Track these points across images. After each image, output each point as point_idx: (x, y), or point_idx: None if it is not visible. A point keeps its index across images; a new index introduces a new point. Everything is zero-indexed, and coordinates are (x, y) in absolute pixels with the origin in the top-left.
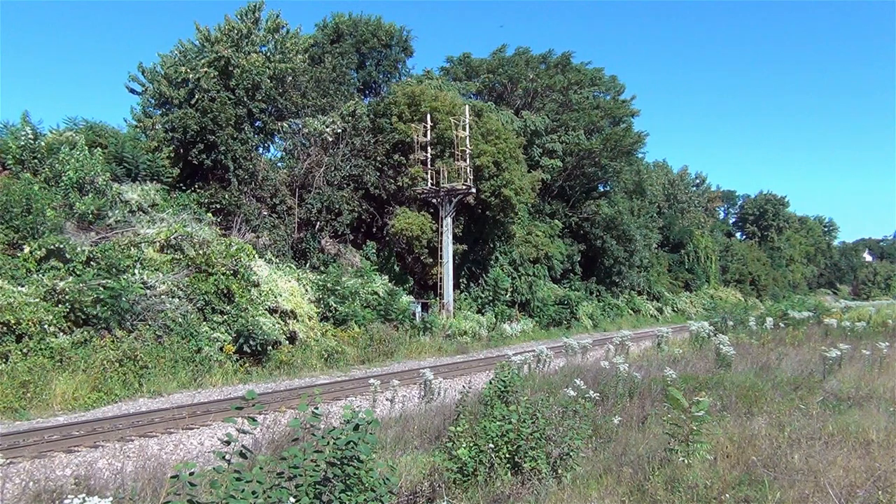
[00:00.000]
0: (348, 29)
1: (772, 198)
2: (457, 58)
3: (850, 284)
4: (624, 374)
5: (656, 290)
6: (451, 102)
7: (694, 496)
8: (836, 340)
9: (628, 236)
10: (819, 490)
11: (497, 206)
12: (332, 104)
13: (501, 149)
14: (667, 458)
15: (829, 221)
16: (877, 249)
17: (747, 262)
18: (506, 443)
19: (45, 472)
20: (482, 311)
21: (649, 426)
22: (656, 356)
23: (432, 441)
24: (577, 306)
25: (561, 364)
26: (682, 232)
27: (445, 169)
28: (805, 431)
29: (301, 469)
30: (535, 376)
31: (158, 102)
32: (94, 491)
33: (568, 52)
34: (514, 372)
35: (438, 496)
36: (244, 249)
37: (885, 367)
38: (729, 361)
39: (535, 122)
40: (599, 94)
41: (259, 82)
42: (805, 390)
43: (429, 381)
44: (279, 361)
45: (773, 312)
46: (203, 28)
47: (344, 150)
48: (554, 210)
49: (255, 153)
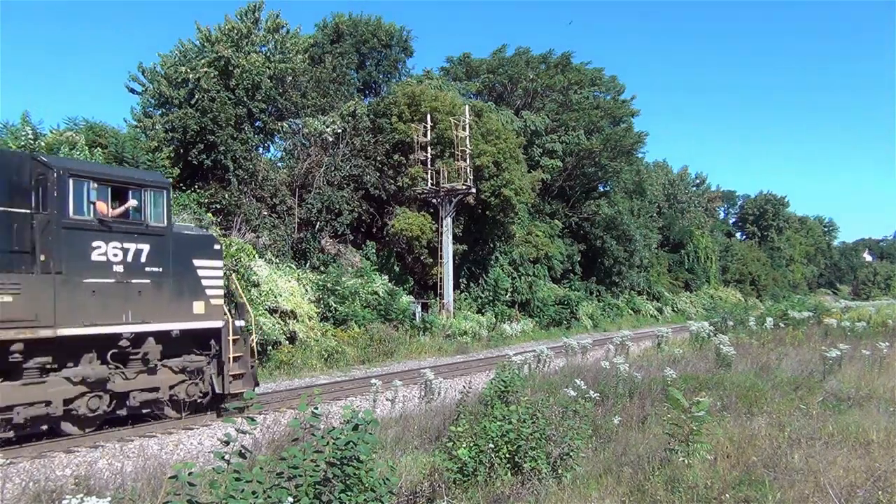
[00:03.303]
0: (348, 29)
1: (772, 198)
2: (457, 58)
3: (850, 284)
4: (624, 374)
5: (656, 290)
6: (451, 102)
7: (694, 496)
8: (836, 340)
9: (628, 236)
10: (819, 490)
11: (497, 206)
12: (332, 104)
13: (501, 149)
14: (667, 458)
15: (829, 221)
16: (877, 249)
17: (747, 262)
18: (506, 443)
19: (45, 472)
20: (482, 311)
21: (649, 426)
22: (656, 356)
23: (432, 441)
24: (577, 306)
25: (561, 364)
26: (682, 232)
27: (445, 169)
28: (805, 431)
29: (301, 469)
30: (535, 376)
31: (158, 102)
32: (94, 491)
33: (568, 52)
34: (515, 372)
35: (438, 496)
36: (244, 249)
37: (885, 367)
38: (729, 361)
39: (535, 122)
40: (599, 94)
41: (259, 82)
42: (805, 390)
43: (429, 381)
44: (279, 361)
45: (773, 312)
46: (203, 28)
47: (344, 150)
48: (554, 210)
49: (255, 153)
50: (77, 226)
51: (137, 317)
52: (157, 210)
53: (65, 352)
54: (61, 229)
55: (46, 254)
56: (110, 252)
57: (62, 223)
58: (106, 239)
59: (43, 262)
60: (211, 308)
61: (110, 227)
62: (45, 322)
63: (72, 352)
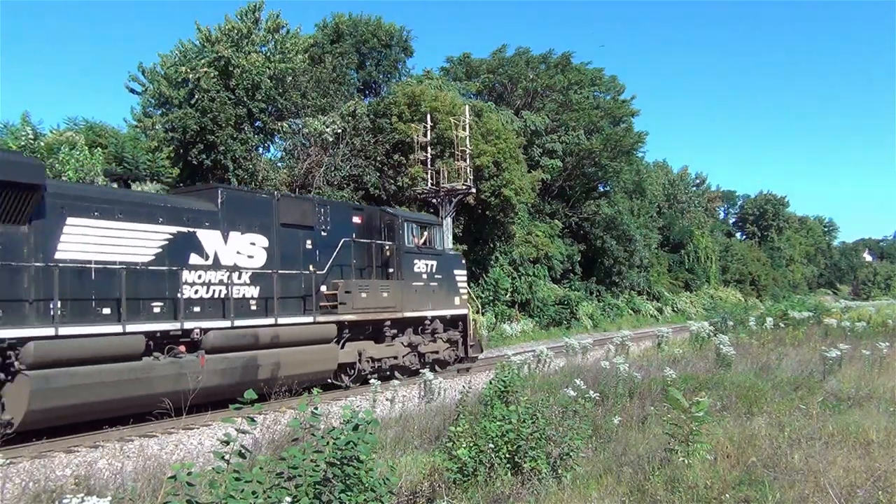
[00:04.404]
0: (348, 29)
1: (772, 198)
2: (457, 58)
3: (850, 284)
4: (624, 374)
5: (656, 290)
6: (451, 102)
7: (694, 496)
8: (836, 340)
9: (628, 236)
10: (819, 490)
11: (497, 206)
12: (332, 104)
13: (501, 149)
14: (667, 458)
15: (829, 221)
16: (877, 249)
17: (747, 262)
18: (506, 443)
19: (45, 471)
20: (482, 311)
21: (649, 426)
22: (656, 356)
23: (432, 441)
24: (577, 306)
25: (561, 364)
26: (682, 232)
27: (445, 169)
28: (805, 431)
29: (301, 469)
30: (535, 376)
31: (158, 102)
32: (94, 491)
33: (568, 52)
34: (514, 372)
35: (438, 496)
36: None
37: (885, 367)
38: (729, 361)
39: (535, 122)
40: (599, 94)
41: (259, 82)
42: (805, 390)
43: (429, 381)
44: None
45: (773, 312)
46: (203, 28)
47: (344, 150)
48: (554, 210)
49: (255, 153)
50: (408, 251)
51: (432, 306)
52: (438, 239)
53: (401, 326)
54: (403, 253)
55: (396, 268)
56: (421, 267)
57: (403, 250)
58: (419, 258)
59: (395, 273)
60: (462, 301)
61: (420, 251)
62: (398, 308)
63: (403, 327)
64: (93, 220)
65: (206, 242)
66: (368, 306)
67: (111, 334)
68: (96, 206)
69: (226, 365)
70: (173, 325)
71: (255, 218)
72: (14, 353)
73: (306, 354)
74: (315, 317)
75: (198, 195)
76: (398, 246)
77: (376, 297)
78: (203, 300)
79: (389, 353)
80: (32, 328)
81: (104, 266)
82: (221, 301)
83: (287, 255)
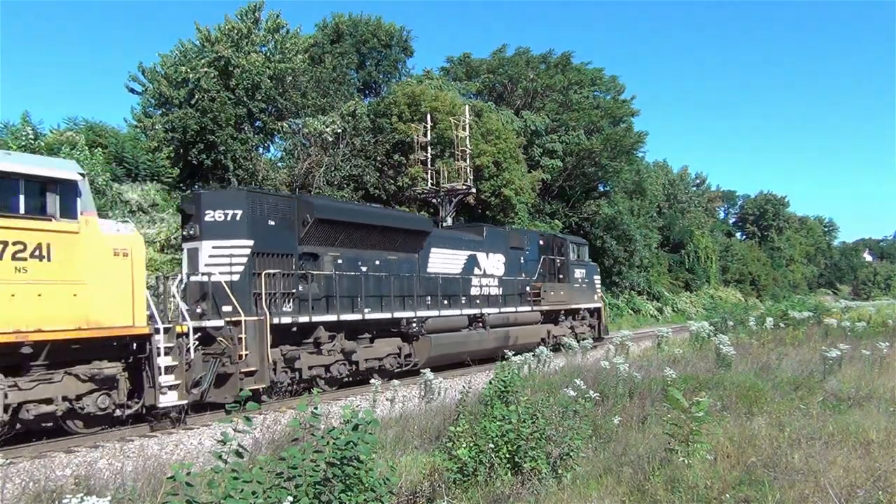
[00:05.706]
0: (348, 29)
1: (772, 198)
2: (457, 58)
3: (851, 284)
4: (624, 374)
5: (656, 290)
6: (451, 102)
7: (694, 496)
8: (836, 340)
9: (628, 236)
10: (819, 490)
11: (497, 206)
12: (332, 104)
13: (501, 149)
14: (667, 458)
15: (829, 221)
16: (877, 249)
17: (747, 262)
18: (506, 443)
19: (45, 472)
20: None
21: (649, 426)
22: (656, 356)
23: (432, 441)
24: None
25: (561, 364)
26: (683, 232)
27: (445, 169)
28: (805, 431)
29: (300, 469)
30: (535, 376)
31: (158, 102)
32: (94, 491)
33: (568, 52)
34: (514, 372)
35: (438, 496)
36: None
37: (885, 367)
38: (729, 361)
39: (535, 122)
40: (599, 94)
41: (259, 82)
42: (805, 390)
43: (429, 381)
44: None
45: (773, 312)
46: (203, 28)
47: (344, 150)
48: (554, 210)
49: (255, 153)
50: (572, 263)
51: (584, 301)
52: (586, 253)
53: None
54: (569, 265)
55: (565, 275)
56: (578, 273)
57: (569, 262)
58: (577, 267)
59: (565, 278)
60: (598, 297)
61: (577, 263)
62: (568, 302)
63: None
64: (441, 249)
65: (480, 260)
66: (555, 300)
67: (454, 315)
68: (443, 241)
69: (497, 335)
70: (476, 311)
71: (499, 244)
72: (422, 324)
73: (527, 330)
74: (531, 307)
75: (472, 231)
76: (566, 259)
77: (558, 295)
78: (482, 296)
79: (561, 331)
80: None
81: (447, 275)
82: (487, 297)
83: (512, 267)
